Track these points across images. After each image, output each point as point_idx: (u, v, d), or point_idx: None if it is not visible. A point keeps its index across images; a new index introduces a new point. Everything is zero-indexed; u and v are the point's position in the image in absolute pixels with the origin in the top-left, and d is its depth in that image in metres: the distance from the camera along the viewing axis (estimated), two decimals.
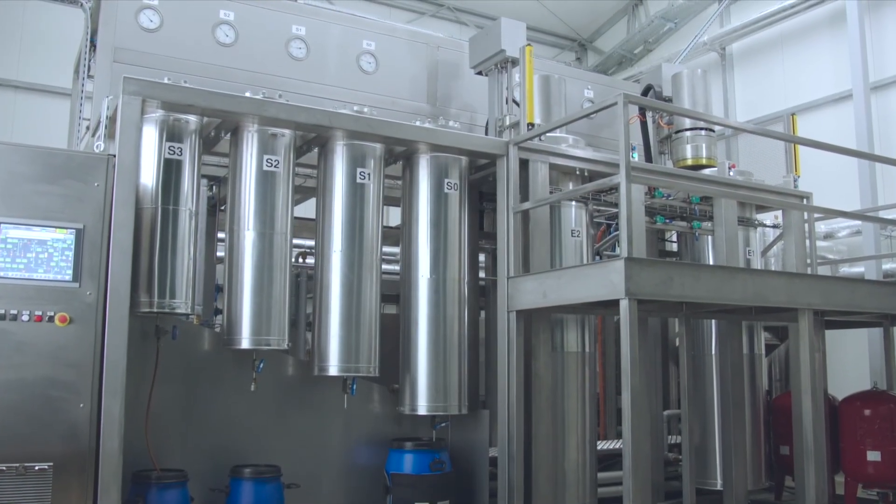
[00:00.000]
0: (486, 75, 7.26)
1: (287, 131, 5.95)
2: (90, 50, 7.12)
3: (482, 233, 7.37)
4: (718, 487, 7.32)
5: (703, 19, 14.62)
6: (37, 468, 4.67)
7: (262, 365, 5.85)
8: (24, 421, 4.70)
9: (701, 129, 7.73)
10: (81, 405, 4.83)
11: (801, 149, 8.13)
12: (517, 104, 6.90)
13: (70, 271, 4.91)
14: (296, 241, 6.80)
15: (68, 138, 8.29)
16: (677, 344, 8.13)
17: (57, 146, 6.50)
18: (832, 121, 12.21)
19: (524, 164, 6.55)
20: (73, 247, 4.93)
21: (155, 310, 5.32)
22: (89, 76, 7.11)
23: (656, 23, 15.62)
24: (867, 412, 7.53)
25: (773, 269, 9.36)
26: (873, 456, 7.38)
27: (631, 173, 5.33)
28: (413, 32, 8.36)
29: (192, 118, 5.62)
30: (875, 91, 11.62)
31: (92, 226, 5.01)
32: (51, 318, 4.81)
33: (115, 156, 5.10)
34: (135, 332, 5.24)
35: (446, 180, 6.50)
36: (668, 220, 7.43)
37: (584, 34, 17.67)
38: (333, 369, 5.92)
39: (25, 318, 4.75)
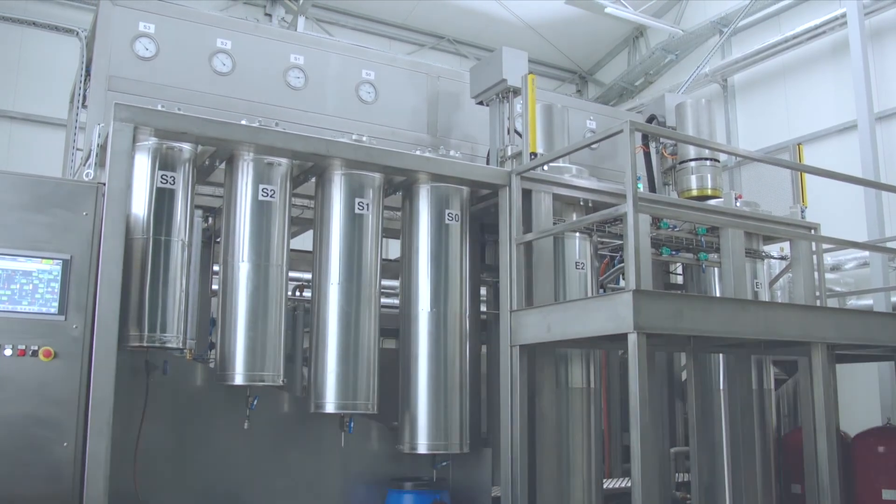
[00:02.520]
0: (488, 105, 7.15)
1: (283, 160, 5.81)
2: (85, 79, 7.01)
3: (484, 265, 7.21)
4: None
5: (704, 51, 14.61)
6: None
7: (255, 402, 5.66)
8: (3, 461, 4.48)
9: (706, 159, 7.60)
10: (65, 444, 4.62)
11: (806, 179, 7.98)
12: (519, 134, 6.78)
13: (56, 304, 4.73)
14: (293, 274, 6.64)
15: (62, 169, 8.16)
16: (684, 379, 7.94)
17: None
18: (836, 151, 12.12)
19: (527, 194, 6.40)
20: (59, 278, 4.76)
21: (145, 344, 5.14)
22: (84, 106, 6.99)
23: (657, 55, 15.63)
24: (881, 449, 7.33)
25: (779, 301, 9.17)
26: (889, 495, 7.16)
27: (638, 203, 5.17)
28: (413, 62, 8.27)
29: (186, 146, 5.48)
30: (880, 121, 11.53)
31: (79, 256, 4.84)
32: (34, 353, 4.62)
33: (104, 184, 4.95)
34: (123, 367, 5.04)
35: (447, 211, 6.35)
36: (673, 252, 7.27)
37: (585, 66, 17.67)
38: (330, 406, 5.73)
39: (8, 352, 4.57)
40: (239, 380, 5.46)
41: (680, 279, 8.43)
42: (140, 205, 5.25)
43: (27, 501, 4.48)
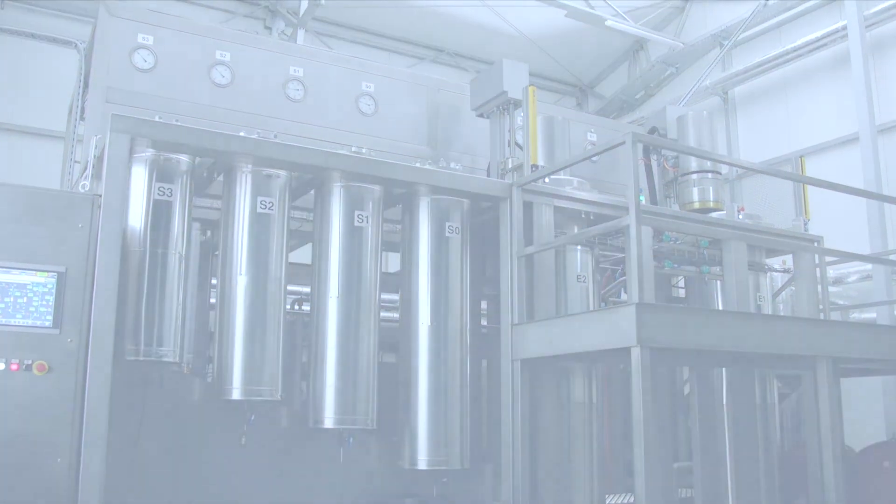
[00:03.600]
0: (488, 117, 7.10)
1: (282, 172, 5.78)
2: (84, 91, 6.98)
3: (485, 278, 7.15)
4: None
5: (704, 63, 14.57)
6: None
7: (253, 417, 5.58)
8: None
9: (708, 171, 7.55)
10: (59, 460, 4.57)
11: (809, 192, 7.92)
12: (520, 147, 6.73)
13: (50, 317, 4.69)
14: (291, 288, 6.57)
15: (60, 181, 8.11)
16: (687, 393, 7.86)
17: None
18: (838, 164, 12.05)
19: (528, 207, 6.36)
20: (54, 291, 4.72)
21: (141, 358, 5.09)
22: (82, 118, 6.95)
23: (657, 67, 15.59)
24: (887, 464, 7.25)
25: (782, 315, 9.10)
26: None
27: (641, 215, 5.11)
28: (413, 74, 8.24)
29: (184, 158, 5.45)
30: (882, 133, 11.48)
31: (75, 269, 4.80)
32: (28, 367, 4.57)
33: (101, 196, 4.90)
34: (119, 381, 4.96)
35: (447, 224, 6.30)
36: (676, 265, 7.20)
37: (585, 80, 17.64)
38: (329, 421, 5.67)
39: (1, 366, 4.51)
40: (237, 394, 5.41)
41: (682, 292, 8.37)
42: (137, 217, 5.21)
43: None
